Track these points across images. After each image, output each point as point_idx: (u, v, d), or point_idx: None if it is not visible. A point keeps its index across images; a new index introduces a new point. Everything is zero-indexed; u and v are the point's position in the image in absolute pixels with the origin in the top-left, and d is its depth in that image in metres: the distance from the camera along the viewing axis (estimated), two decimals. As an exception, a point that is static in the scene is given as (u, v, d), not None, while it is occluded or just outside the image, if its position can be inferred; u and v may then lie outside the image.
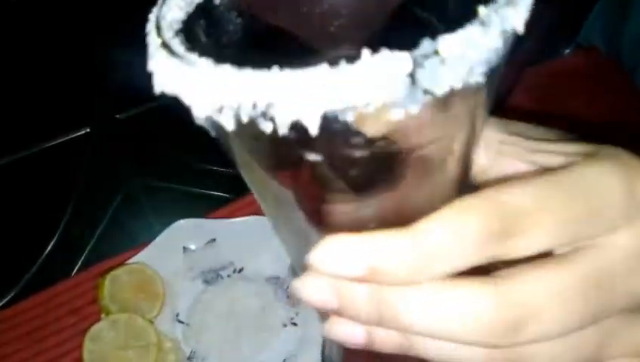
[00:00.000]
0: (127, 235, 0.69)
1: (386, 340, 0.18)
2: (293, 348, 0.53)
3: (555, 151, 0.19)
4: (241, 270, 0.58)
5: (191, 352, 0.53)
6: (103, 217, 0.73)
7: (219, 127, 0.15)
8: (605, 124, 0.64)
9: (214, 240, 0.59)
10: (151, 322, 0.54)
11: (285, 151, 0.16)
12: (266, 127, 0.14)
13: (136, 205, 0.75)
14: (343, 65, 0.13)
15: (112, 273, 0.54)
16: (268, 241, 0.58)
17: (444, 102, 0.15)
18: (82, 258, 0.68)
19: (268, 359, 0.52)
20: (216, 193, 0.66)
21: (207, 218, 0.60)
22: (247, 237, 0.58)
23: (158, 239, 0.57)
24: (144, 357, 0.51)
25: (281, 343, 0.53)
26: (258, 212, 0.60)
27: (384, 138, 0.15)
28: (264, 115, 0.13)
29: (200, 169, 0.74)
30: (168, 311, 0.55)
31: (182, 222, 0.58)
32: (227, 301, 0.55)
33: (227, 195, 0.64)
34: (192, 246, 0.58)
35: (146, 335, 0.53)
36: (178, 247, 0.58)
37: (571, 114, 0.68)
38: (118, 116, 0.83)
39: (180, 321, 0.55)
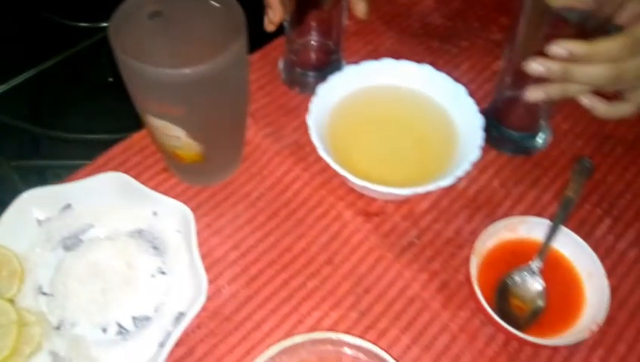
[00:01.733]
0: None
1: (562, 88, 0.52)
2: (162, 295, 0.52)
3: None
4: (102, 230, 0.56)
5: (58, 321, 0.51)
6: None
7: None
8: None
9: (69, 205, 0.56)
10: (11, 301, 0.51)
11: None
12: None
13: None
14: None
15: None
16: (125, 196, 0.56)
17: None
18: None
19: (139, 309, 0.51)
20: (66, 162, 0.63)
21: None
22: (102, 196, 0.56)
23: (4, 216, 0.54)
24: (5, 337, 0.49)
25: (151, 293, 0.52)
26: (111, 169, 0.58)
27: None
28: None
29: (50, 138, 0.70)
30: (30, 285, 0.53)
31: (26, 194, 0.55)
32: (89, 263, 0.53)
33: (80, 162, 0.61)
34: (46, 216, 0.56)
35: (6, 315, 0.50)
36: (30, 220, 0.55)
37: None
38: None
39: (44, 293, 0.53)
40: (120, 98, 0.51)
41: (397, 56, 0.62)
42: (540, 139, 0.63)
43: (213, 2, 0.50)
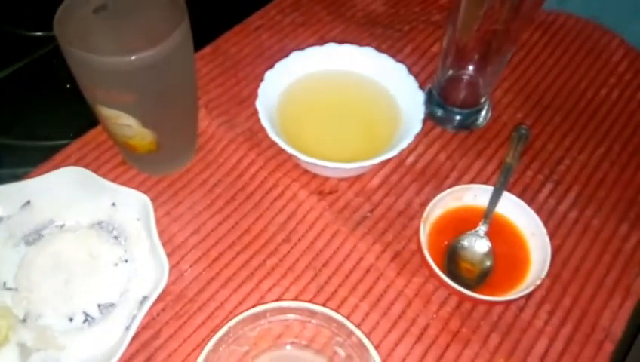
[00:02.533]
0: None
1: None
2: (126, 282, 0.53)
3: None
4: (62, 225, 0.57)
5: (24, 314, 0.52)
6: None
7: None
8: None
9: (29, 202, 0.57)
10: (-25, 298, 0.52)
11: None
12: None
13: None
14: None
15: None
16: (83, 190, 0.57)
17: None
18: None
19: (105, 298, 0.52)
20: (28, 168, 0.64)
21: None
22: (61, 191, 0.57)
23: (-37, 216, 0.55)
24: (-29, 332, 0.50)
25: (115, 281, 0.53)
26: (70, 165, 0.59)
27: None
28: None
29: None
30: (-6, 282, 0.54)
31: (-17, 192, 0.56)
32: (52, 256, 0.54)
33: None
34: (7, 214, 0.57)
35: (-29, 310, 0.51)
36: (-10, 218, 0.56)
37: None
38: None
39: (9, 288, 0.54)
40: (78, 103, 0.53)
41: (343, 43, 0.64)
42: (482, 114, 0.66)
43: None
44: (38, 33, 0.94)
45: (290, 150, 0.54)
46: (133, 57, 0.46)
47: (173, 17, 0.49)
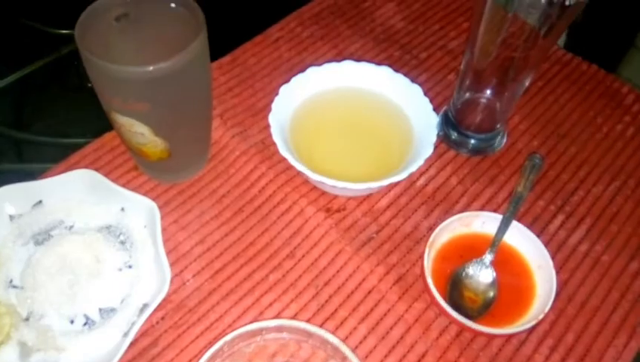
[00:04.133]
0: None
1: None
2: (128, 287, 0.54)
3: None
4: (72, 226, 0.58)
5: (28, 313, 0.53)
6: None
7: None
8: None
9: (40, 201, 0.58)
10: (-18, 293, 0.53)
11: None
12: None
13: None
14: None
15: None
16: (94, 193, 0.58)
17: None
18: None
19: (106, 302, 0.53)
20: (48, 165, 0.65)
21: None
22: (73, 193, 0.58)
23: (-24, 211, 0.56)
24: (-25, 327, 0.51)
25: (118, 285, 0.54)
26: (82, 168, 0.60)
27: None
28: None
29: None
30: (1, 278, 0.54)
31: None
32: (58, 257, 0.55)
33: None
34: (19, 212, 0.58)
35: (-23, 306, 0.52)
36: (3, 215, 0.57)
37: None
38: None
39: (15, 286, 0.54)
40: (98, 104, 0.54)
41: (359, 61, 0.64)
42: (497, 140, 0.66)
43: (175, 5, 0.52)
44: (64, 31, 0.95)
45: (299, 167, 0.54)
46: (149, 68, 0.46)
47: (192, 29, 0.50)
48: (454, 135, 0.65)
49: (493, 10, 0.54)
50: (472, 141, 0.65)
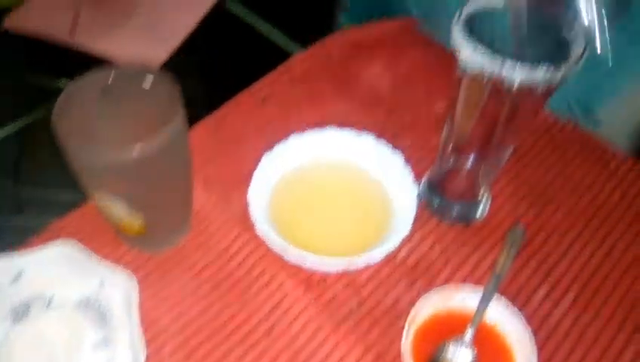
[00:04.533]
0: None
1: None
2: (104, 367, 0.53)
3: None
4: (51, 299, 0.58)
5: (3, 393, 0.52)
6: None
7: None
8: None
9: (20, 274, 0.58)
10: (-43, 371, 0.53)
11: None
12: None
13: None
14: None
15: None
16: (74, 265, 0.58)
17: None
18: None
19: (81, 383, 0.53)
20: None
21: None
22: (53, 265, 0.58)
23: (-46, 286, 0.56)
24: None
25: (94, 364, 0.54)
26: (65, 236, 0.60)
27: None
28: None
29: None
30: (-23, 356, 0.54)
31: (-23, 264, 0.57)
32: (35, 333, 0.55)
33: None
34: (-2, 285, 0.58)
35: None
36: (-19, 289, 0.57)
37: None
38: None
39: (-9, 364, 0.54)
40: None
41: (344, 126, 0.64)
42: (480, 207, 0.65)
43: (153, 81, 0.52)
44: (63, 81, 0.94)
45: (276, 246, 0.54)
46: (124, 152, 0.46)
47: (171, 104, 0.50)
48: (437, 202, 0.64)
49: (470, 85, 0.53)
50: (455, 208, 0.64)
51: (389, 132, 0.71)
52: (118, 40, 0.79)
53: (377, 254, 0.54)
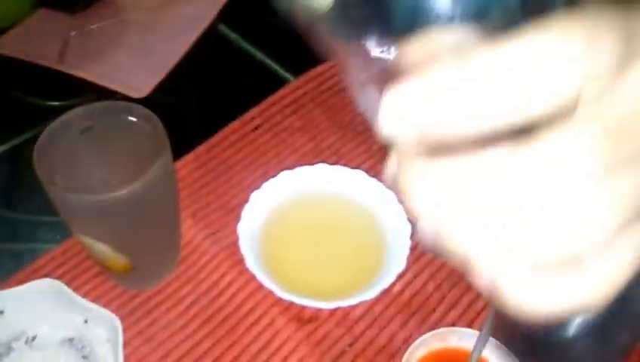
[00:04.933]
0: None
1: None
2: (87, 410, 0.51)
3: None
4: (34, 338, 0.56)
5: None
6: None
7: None
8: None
9: (2, 312, 0.56)
10: None
11: None
12: None
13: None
14: None
15: None
16: (57, 303, 0.56)
17: None
18: None
19: None
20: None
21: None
22: (35, 303, 0.56)
23: None
24: None
25: (76, 408, 0.52)
26: (48, 275, 0.59)
27: None
28: None
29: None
30: (-45, 398, 0.52)
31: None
32: (16, 376, 0.53)
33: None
34: (-22, 324, 0.56)
35: None
36: (-39, 328, 0.55)
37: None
38: None
39: (-31, 407, 0.52)
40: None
41: (337, 157, 0.63)
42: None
43: (137, 119, 0.51)
44: (53, 103, 0.92)
45: (267, 284, 0.52)
46: (107, 195, 0.45)
47: (156, 146, 0.48)
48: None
49: None
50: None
51: (382, 163, 0.69)
52: (107, 67, 0.77)
53: (371, 294, 0.52)
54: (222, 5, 0.87)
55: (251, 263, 0.53)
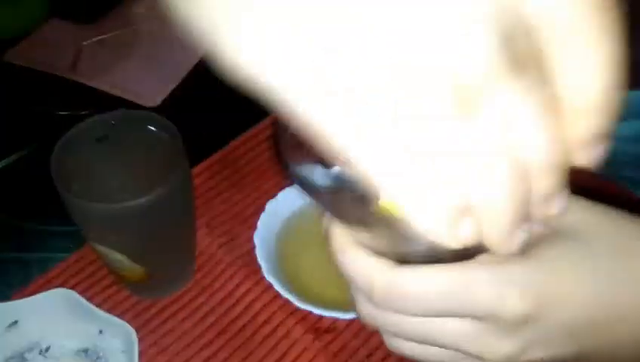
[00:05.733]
0: None
1: None
2: (102, 422, 0.51)
3: None
4: (47, 349, 0.55)
5: None
6: None
7: None
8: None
9: (16, 322, 0.56)
10: None
11: None
12: None
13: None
14: None
15: None
16: (71, 314, 0.55)
17: None
18: None
19: None
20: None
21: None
22: (49, 314, 0.55)
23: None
24: None
25: (91, 419, 0.51)
26: (62, 285, 0.58)
27: None
28: None
29: None
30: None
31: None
32: (30, 387, 0.52)
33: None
34: (-8, 334, 0.55)
35: None
36: (-24, 338, 0.55)
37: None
38: None
39: (-17, 418, 0.52)
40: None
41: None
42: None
43: (155, 128, 0.50)
44: (63, 112, 0.92)
45: (284, 294, 0.52)
46: (124, 205, 0.44)
47: (172, 151, 0.48)
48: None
49: None
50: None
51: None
52: (119, 76, 0.77)
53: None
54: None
55: (267, 273, 0.53)
